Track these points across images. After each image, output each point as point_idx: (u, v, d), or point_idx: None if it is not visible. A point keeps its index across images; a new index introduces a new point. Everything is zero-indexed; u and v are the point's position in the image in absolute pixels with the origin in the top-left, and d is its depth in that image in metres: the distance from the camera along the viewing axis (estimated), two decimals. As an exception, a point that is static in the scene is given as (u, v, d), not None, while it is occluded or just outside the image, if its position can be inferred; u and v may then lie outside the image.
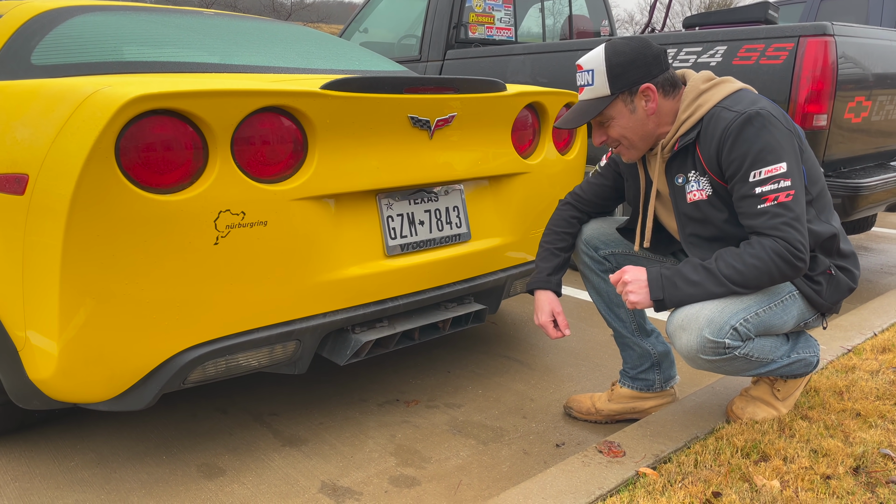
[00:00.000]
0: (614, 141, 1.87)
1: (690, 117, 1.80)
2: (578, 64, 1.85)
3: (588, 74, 1.82)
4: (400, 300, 2.16)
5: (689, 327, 1.73)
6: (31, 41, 2.22)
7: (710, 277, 1.72)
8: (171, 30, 2.58)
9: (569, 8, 5.33)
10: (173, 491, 1.88)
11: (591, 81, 1.81)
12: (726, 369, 1.80)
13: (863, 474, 1.70)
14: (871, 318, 2.87)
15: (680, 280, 1.73)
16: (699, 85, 1.82)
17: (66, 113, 1.61)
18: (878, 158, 3.71)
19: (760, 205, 1.69)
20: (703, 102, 1.79)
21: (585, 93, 1.84)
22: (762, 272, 1.67)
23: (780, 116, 1.74)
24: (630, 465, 1.77)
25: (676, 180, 1.87)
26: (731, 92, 1.80)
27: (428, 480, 1.94)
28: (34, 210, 1.62)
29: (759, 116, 1.70)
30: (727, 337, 1.71)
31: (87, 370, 1.69)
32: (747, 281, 1.69)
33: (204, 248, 1.71)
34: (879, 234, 5.34)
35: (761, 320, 1.75)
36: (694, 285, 1.72)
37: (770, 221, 1.67)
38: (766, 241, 1.67)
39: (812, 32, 3.04)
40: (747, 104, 1.73)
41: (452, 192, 2.33)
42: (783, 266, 1.66)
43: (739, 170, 1.71)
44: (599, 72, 1.79)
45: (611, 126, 1.84)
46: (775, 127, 1.70)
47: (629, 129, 1.83)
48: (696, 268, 1.74)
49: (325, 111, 1.88)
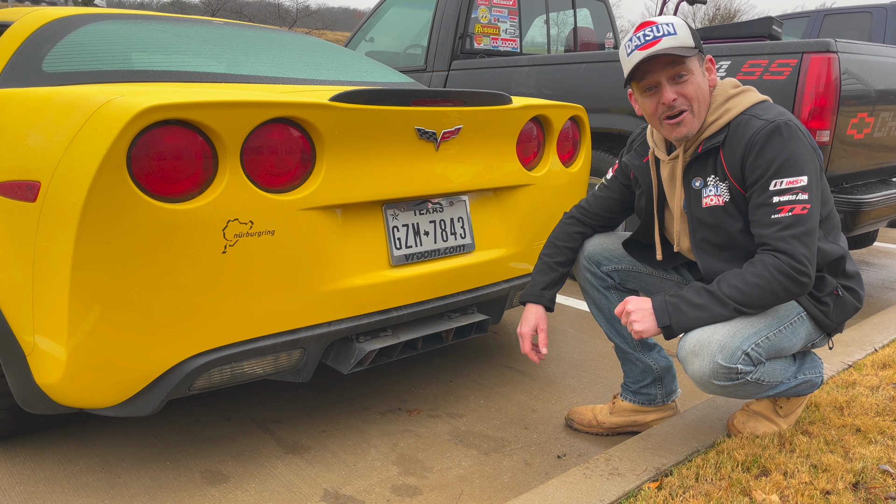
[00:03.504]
0: (685, 101, 1.77)
1: (718, 120, 1.79)
2: (648, 21, 1.77)
3: (669, 26, 1.74)
4: (404, 310, 2.17)
5: (701, 353, 1.71)
6: (43, 48, 2.25)
7: (713, 300, 1.71)
8: (180, 39, 2.61)
9: (574, 20, 5.36)
10: (177, 497, 1.89)
11: (675, 31, 1.73)
12: (737, 394, 1.79)
13: (862, 490, 1.71)
14: (872, 333, 2.89)
15: (684, 305, 1.72)
16: (728, 89, 1.82)
17: (79, 122, 1.64)
18: (880, 174, 3.73)
19: (775, 214, 1.69)
20: (731, 107, 1.79)
21: (665, 42, 1.72)
22: (765, 290, 1.67)
23: (805, 132, 1.74)
24: (632, 477, 1.78)
25: (694, 183, 1.85)
26: (759, 101, 1.80)
27: (429, 490, 1.95)
28: (45, 217, 1.64)
29: (787, 127, 1.70)
30: (739, 362, 1.70)
31: (94, 376, 1.70)
32: (751, 300, 1.69)
33: (212, 257, 1.73)
34: (881, 250, 5.35)
35: (772, 344, 1.75)
36: (699, 308, 1.71)
37: (780, 233, 1.67)
38: (767, 259, 1.67)
39: (815, 49, 3.07)
40: (776, 114, 1.73)
41: (457, 204, 2.35)
42: (787, 283, 1.66)
43: (762, 177, 1.71)
44: (681, 25, 1.75)
45: (688, 81, 1.76)
46: (801, 140, 1.71)
47: (701, 90, 1.78)
48: (699, 291, 1.73)
49: (333, 122, 1.90)
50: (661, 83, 1.77)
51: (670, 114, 1.78)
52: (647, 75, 1.78)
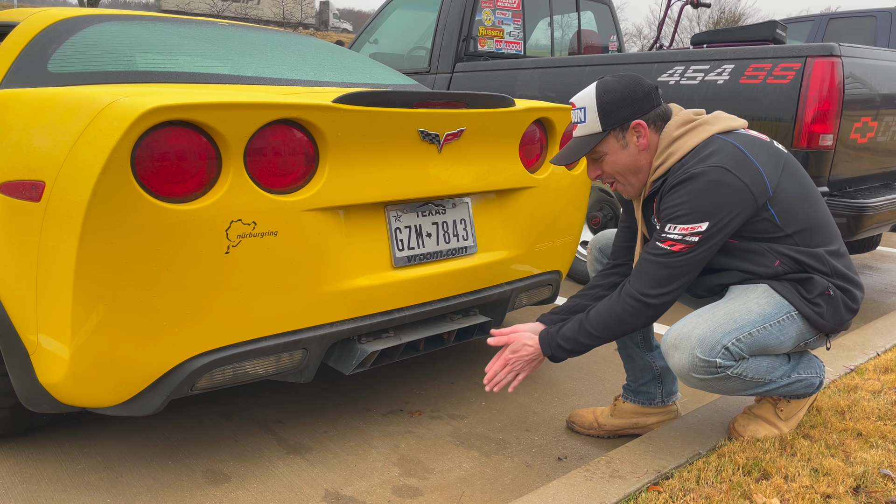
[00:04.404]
0: (609, 176, 1.92)
1: (661, 165, 1.85)
2: (572, 102, 1.91)
3: (580, 112, 1.88)
4: (406, 311, 2.18)
5: (681, 346, 1.77)
6: (48, 49, 2.26)
7: (580, 329, 1.86)
8: (185, 40, 2.62)
9: (577, 22, 5.37)
10: (178, 496, 1.90)
11: (584, 119, 1.87)
12: (720, 388, 1.82)
13: (863, 494, 1.71)
14: (875, 337, 2.88)
15: (561, 339, 1.88)
16: (672, 132, 1.85)
17: (84, 122, 1.64)
18: (883, 179, 3.73)
19: (657, 241, 1.78)
20: (674, 151, 1.83)
21: (579, 129, 1.90)
22: (614, 313, 1.81)
23: (740, 174, 1.73)
24: (632, 480, 1.78)
25: (652, 219, 1.93)
26: (700, 141, 1.81)
27: (430, 491, 1.95)
28: (50, 216, 1.65)
29: (704, 175, 1.72)
30: (718, 356, 1.74)
31: (97, 375, 1.71)
32: (606, 326, 1.82)
33: (215, 257, 1.74)
34: (884, 254, 5.35)
35: (755, 340, 1.77)
36: (569, 341, 1.87)
37: (644, 255, 1.80)
38: (625, 287, 1.82)
39: (819, 53, 3.07)
40: (706, 163, 1.74)
41: (460, 205, 2.35)
42: (633, 303, 1.79)
43: (664, 219, 1.78)
44: (591, 109, 1.85)
45: (604, 161, 1.90)
46: (719, 188, 1.72)
47: (621, 164, 1.87)
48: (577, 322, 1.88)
49: (336, 124, 1.91)
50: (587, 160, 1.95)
51: (606, 181, 1.95)
52: None
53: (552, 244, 2.66)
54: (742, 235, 1.81)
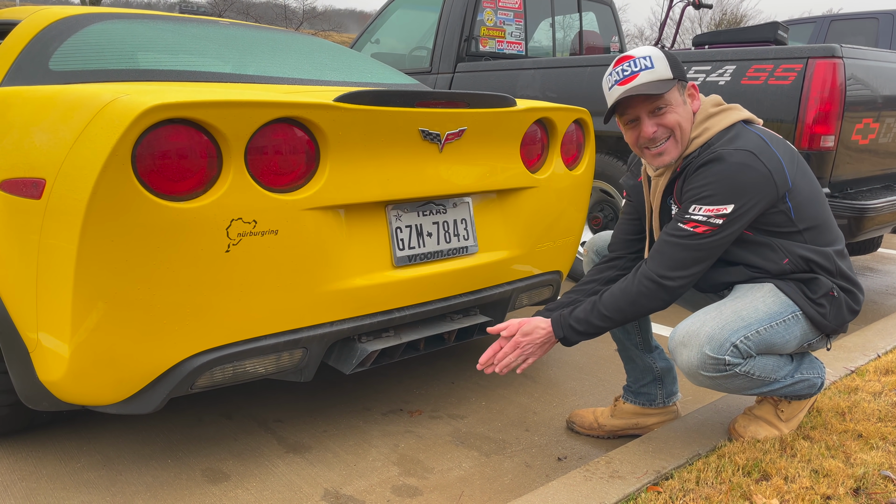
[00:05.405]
0: (666, 131, 1.83)
1: (698, 138, 1.83)
2: (626, 55, 1.83)
3: (646, 59, 1.80)
4: (406, 311, 2.18)
5: (689, 343, 1.76)
6: (49, 47, 2.26)
7: (593, 310, 1.86)
8: (186, 39, 2.62)
9: (579, 23, 5.37)
10: (178, 495, 1.90)
11: (652, 65, 1.79)
12: (727, 387, 1.82)
13: (863, 495, 1.70)
14: (875, 339, 2.88)
15: (574, 321, 1.87)
16: (708, 108, 1.86)
17: (85, 120, 1.64)
18: (884, 180, 3.72)
19: (679, 222, 1.77)
20: (708, 127, 1.83)
21: (643, 76, 1.79)
22: (629, 294, 1.81)
23: (766, 160, 1.74)
24: (632, 480, 1.78)
25: (668, 201, 1.91)
26: (732, 123, 1.83)
27: (430, 490, 1.95)
28: (50, 214, 1.65)
29: (731, 156, 1.73)
30: (727, 354, 1.73)
31: (97, 373, 1.71)
32: (618, 308, 1.82)
33: (215, 256, 1.74)
34: (885, 256, 5.34)
35: (762, 338, 1.77)
36: (582, 322, 1.87)
37: (664, 237, 1.78)
38: (641, 268, 1.80)
39: (821, 54, 3.06)
40: (725, 143, 1.76)
41: (461, 205, 2.35)
42: (648, 285, 1.78)
43: (686, 200, 1.77)
44: (658, 57, 1.80)
45: (668, 112, 1.81)
46: (745, 170, 1.72)
47: (683, 118, 1.82)
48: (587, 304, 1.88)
49: (337, 123, 1.91)
50: (640, 117, 1.83)
51: (651, 144, 1.85)
52: (627, 110, 1.86)
53: (553, 244, 2.66)
54: (757, 228, 1.81)
